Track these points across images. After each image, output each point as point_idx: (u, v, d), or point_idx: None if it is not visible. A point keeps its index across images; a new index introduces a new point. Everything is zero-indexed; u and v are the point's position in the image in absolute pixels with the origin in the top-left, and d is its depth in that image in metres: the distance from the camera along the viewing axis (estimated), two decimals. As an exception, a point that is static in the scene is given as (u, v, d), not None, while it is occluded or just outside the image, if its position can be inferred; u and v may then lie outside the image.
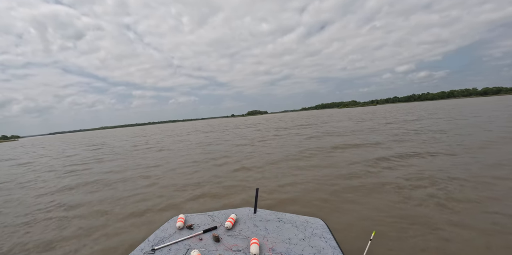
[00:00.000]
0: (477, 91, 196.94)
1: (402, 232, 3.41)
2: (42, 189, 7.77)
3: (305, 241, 1.78)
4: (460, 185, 4.93)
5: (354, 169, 6.65)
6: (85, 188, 7.41)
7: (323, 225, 2.00)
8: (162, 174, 8.24)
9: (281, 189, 5.56)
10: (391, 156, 7.83)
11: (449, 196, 4.47)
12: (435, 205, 4.17)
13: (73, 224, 4.69)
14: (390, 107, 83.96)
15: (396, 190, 4.97)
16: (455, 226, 3.47)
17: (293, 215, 2.21)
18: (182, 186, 6.52)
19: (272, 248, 1.72)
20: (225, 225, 2.02)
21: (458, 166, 6.12)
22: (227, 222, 2.05)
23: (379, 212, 4.08)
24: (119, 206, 5.44)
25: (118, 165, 11.07)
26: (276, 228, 1.99)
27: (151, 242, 1.92)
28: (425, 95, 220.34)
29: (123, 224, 4.50)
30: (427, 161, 6.92)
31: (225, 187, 6.13)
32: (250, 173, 7.25)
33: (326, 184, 5.62)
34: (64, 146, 31.36)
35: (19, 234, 4.46)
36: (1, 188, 8.45)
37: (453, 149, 8.08)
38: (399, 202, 4.38)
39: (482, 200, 4.19)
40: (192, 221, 2.22)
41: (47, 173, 10.73)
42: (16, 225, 4.92)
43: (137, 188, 6.84)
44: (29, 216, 5.32)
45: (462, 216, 3.73)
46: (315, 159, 8.46)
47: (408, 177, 5.61)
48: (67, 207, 5.73)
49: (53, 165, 13.45)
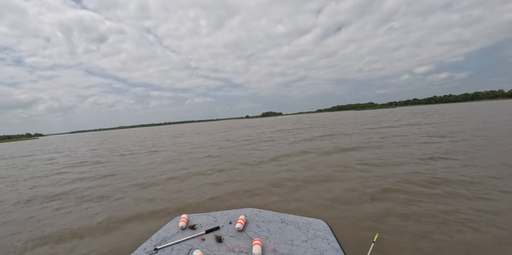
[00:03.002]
0: (503, 93, 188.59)
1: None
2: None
3: (307, 243, 1.77)
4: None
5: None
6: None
7: (326, 227, 1.99)
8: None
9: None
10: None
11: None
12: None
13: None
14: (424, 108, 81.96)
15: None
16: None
17: (296, 217, 2.21)
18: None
19: (274, 249, 1.72)
20: (236, 226, 2.03)
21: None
22: (238, 223, 2.06)
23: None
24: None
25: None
26: (279, 229, 2.00)
27: (153, 241, 1.95)
28: (447, 97, 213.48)
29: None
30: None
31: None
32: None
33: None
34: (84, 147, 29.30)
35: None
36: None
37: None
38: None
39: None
40: (194, 221, 2.25)
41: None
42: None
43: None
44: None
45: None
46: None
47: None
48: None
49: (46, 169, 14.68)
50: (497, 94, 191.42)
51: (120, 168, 11.07)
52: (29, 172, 12.43)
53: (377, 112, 74.75)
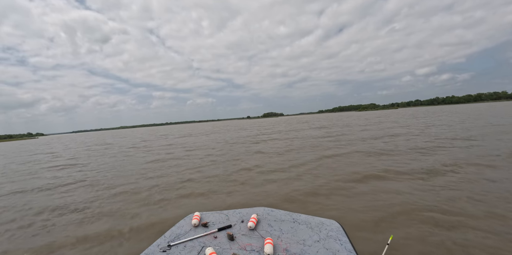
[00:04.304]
0: (507, 95, 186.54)
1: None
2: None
3: (319, 243, 1.75)
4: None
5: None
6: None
7: (339, 228, 1.96)
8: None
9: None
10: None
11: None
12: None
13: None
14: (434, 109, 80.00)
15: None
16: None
17: (308, 216, 2.18)
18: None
19: (286, 249, 1.70)
20: (248, 224, 2.03)
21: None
22: (250, 222, 2.05)
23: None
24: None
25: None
26: (291, 229, 1.98)
27: (167, 238, 1.97)
28: (449, 99, 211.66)
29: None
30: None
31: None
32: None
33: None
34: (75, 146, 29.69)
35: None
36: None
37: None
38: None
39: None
40: (207, 219, 2.25)
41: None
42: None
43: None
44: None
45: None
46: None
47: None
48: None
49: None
50: (500, 95, 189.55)
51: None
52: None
53: (386, 113, 72.17)
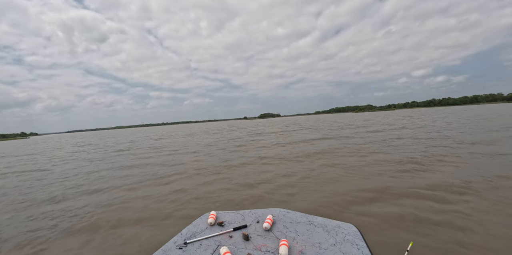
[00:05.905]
0: (502, 97, 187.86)
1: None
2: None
3: (336, 247, 1.70)
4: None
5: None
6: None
7: (356, 232, 1.90)
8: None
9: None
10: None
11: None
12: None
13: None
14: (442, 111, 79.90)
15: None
16: None
17: (324, 219, 2.14)
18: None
19: (301, 251, 1.67)
20: (264, 225, 2.00)
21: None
22: (265, 222, 2.03)
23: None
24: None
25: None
26: (307, 231, 1.95)
27: (183, 235, 2.00)
28: (446, 100, 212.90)
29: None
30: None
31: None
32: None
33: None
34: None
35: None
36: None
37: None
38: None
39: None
40: (223, 218, 2.26)
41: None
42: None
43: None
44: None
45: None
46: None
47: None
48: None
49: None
50: (496, 97, 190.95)
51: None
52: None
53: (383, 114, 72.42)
